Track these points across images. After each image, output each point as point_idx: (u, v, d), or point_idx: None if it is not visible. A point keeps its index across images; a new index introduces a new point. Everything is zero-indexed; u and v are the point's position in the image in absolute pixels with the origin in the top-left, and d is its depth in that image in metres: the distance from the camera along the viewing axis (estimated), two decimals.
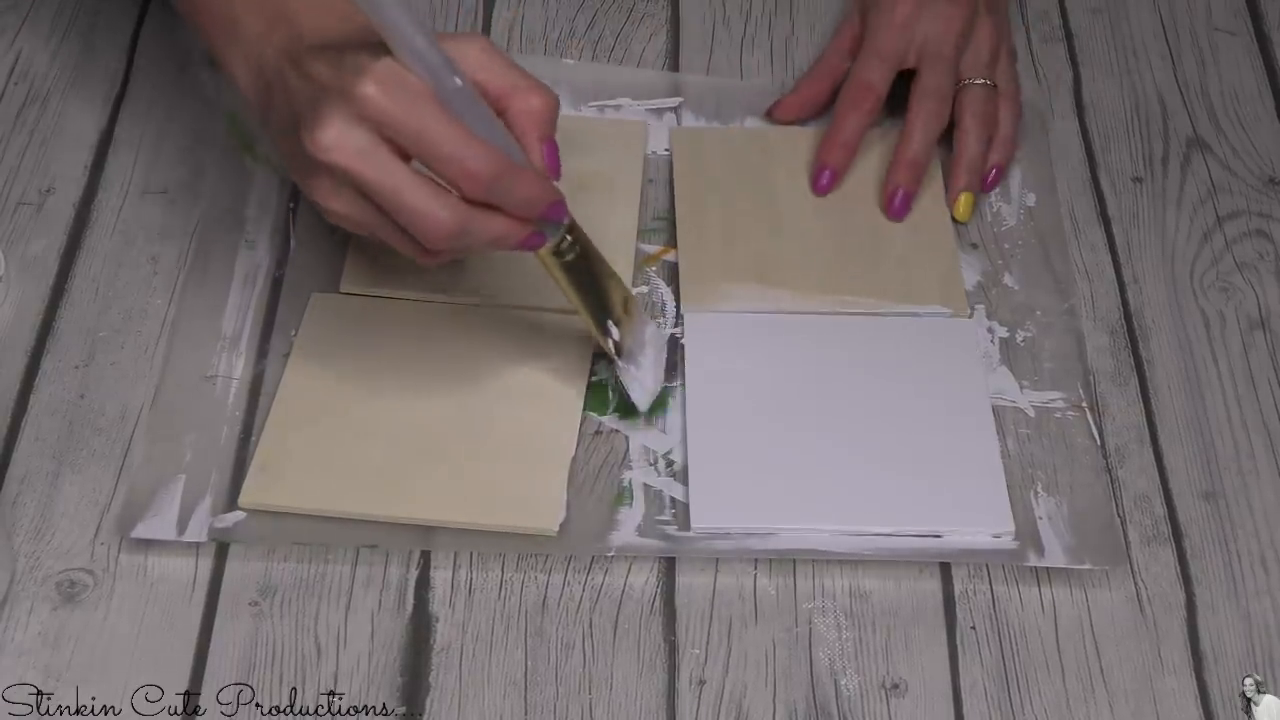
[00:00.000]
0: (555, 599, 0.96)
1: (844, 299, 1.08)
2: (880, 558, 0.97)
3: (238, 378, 1.04)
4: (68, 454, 1.01)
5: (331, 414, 1.01)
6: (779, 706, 0.92)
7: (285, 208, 1.13)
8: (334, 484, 0.98)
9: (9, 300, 1.08)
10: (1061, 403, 1.04)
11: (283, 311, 1.07)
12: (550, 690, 0.92)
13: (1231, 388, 1.07)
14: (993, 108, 1.15)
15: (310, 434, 1.00)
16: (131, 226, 1.12)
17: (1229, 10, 1.30)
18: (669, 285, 1.10)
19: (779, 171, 1.15)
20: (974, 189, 1.14)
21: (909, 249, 1.11)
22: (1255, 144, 1.20)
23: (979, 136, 1.14)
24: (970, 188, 1.13)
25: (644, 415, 1.02)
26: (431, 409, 1.01)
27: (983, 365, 1.06)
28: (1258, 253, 1.14)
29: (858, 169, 1.15)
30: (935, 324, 1.08)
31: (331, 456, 0.99)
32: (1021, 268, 1.11)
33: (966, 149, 1.14)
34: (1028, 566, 0.97)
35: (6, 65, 1.21)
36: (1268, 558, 0.99)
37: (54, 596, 0.95)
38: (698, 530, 0.97)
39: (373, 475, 0.98)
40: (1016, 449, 1.02)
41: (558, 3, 1.27)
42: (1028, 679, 0.94)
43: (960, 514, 0.98)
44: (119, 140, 1.17)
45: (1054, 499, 1.00)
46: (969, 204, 1.13)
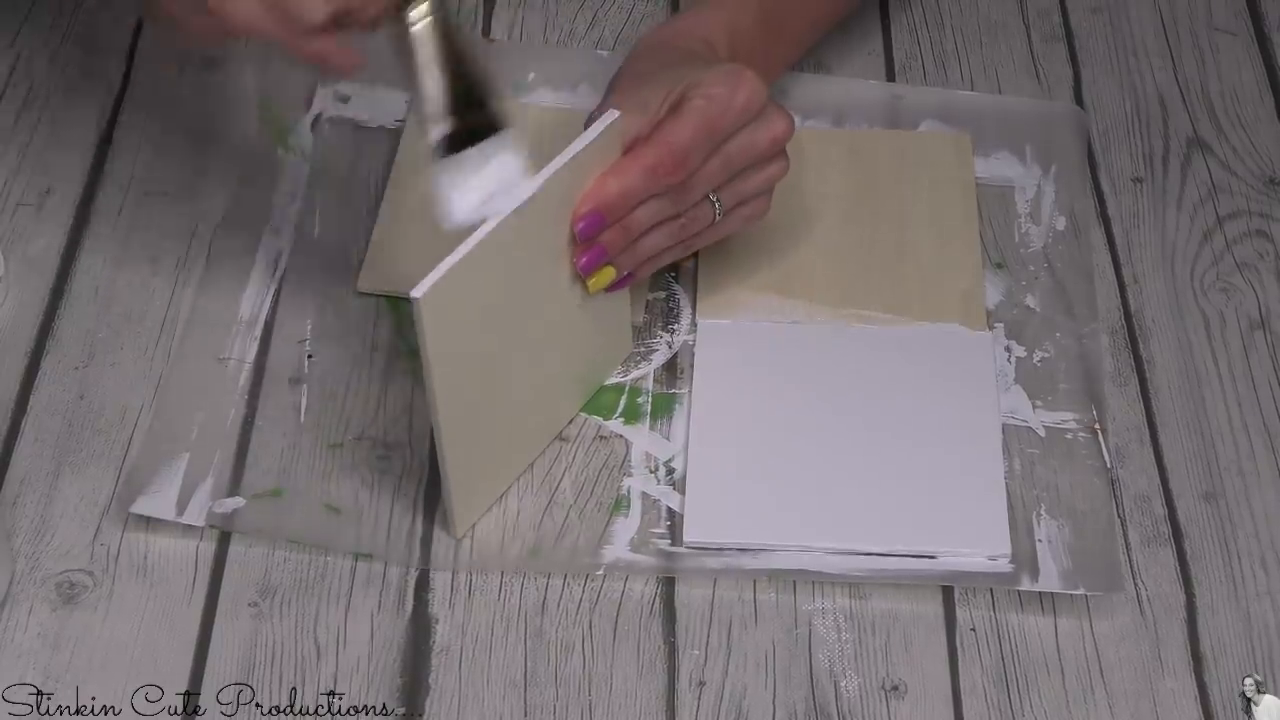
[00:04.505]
0: (555, 600, 0.96)
1: (861, 313, 1.08)
2: (872, 580, 0.96)
3: (250, 361, 1.05)
4: (68, 454, 1.01)
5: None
6: (779, 708, 0.92)
7: (311, 196, 1.14)
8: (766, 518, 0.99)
9: (9, 300, 1.08)
10: (1074, 424, 1.04)
11: (296, 299, 1.08)
12: (550, 691, 0.92)
13: (1231, 388, 1.07)
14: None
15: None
16: (131, 226, 1.12)
17: (1229, 10, 1.30)
18: (688, 293, 1.10)
19: (808, 178, 1.15)
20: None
21: (934, 265, 1.11)
22: (1255, 144, 1.20)
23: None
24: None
25: (450, 224, 0.93)
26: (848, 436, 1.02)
27: (996, 384, 1.05)
28: (1258, 253, 1.14)
29: (887, 178, 1.15)
30: (951, 340, 1.07)
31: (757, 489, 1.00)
32: (1045, 289, 1.11)
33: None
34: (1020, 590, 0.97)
35: (6, 65, 1.21)
36: (1268, 558, 0.99)
37: (54, 597, 0.95)
38: (690, 544, 0.97)
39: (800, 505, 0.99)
40: (1023, 469, 1.02)
41: (558, 3, 1.27)
42: (1027, 680, 0.94)
43: (957, 535, 0.98)
44: (119, 140, 1.17)
45: (1056, 522, 0.99)
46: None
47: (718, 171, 0.99)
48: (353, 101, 1.20)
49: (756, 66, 1.01)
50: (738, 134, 0.99)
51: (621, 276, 1.00)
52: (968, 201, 1.14)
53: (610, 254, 0.98)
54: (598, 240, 0.97)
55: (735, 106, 0.98)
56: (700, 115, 0.97)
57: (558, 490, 1.00)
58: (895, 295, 1.09)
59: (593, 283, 0.99)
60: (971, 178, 1.16)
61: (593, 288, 0.99)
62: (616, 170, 0.97)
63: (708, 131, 0.98)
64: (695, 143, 0.97)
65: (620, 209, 0.97)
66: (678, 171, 0.97)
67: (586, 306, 1.00)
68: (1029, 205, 1.15)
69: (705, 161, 0.98)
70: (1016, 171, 1.18)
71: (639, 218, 0.98)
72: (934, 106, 1.21)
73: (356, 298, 1.09)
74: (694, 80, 0.99)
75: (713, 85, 0.98)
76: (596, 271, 0.98)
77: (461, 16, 1.26)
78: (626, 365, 1.06)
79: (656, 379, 1.06)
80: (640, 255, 1.00)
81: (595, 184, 0.96)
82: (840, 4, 1.20)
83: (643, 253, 1.00)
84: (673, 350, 1.07)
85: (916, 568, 0.97)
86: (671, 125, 0.97)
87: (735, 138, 0.99)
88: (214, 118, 1.19)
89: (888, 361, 1.06)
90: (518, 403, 0.98)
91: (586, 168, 0.95)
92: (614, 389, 1.05)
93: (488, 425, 0.96)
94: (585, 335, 1.02)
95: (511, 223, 0.92)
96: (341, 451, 1.01)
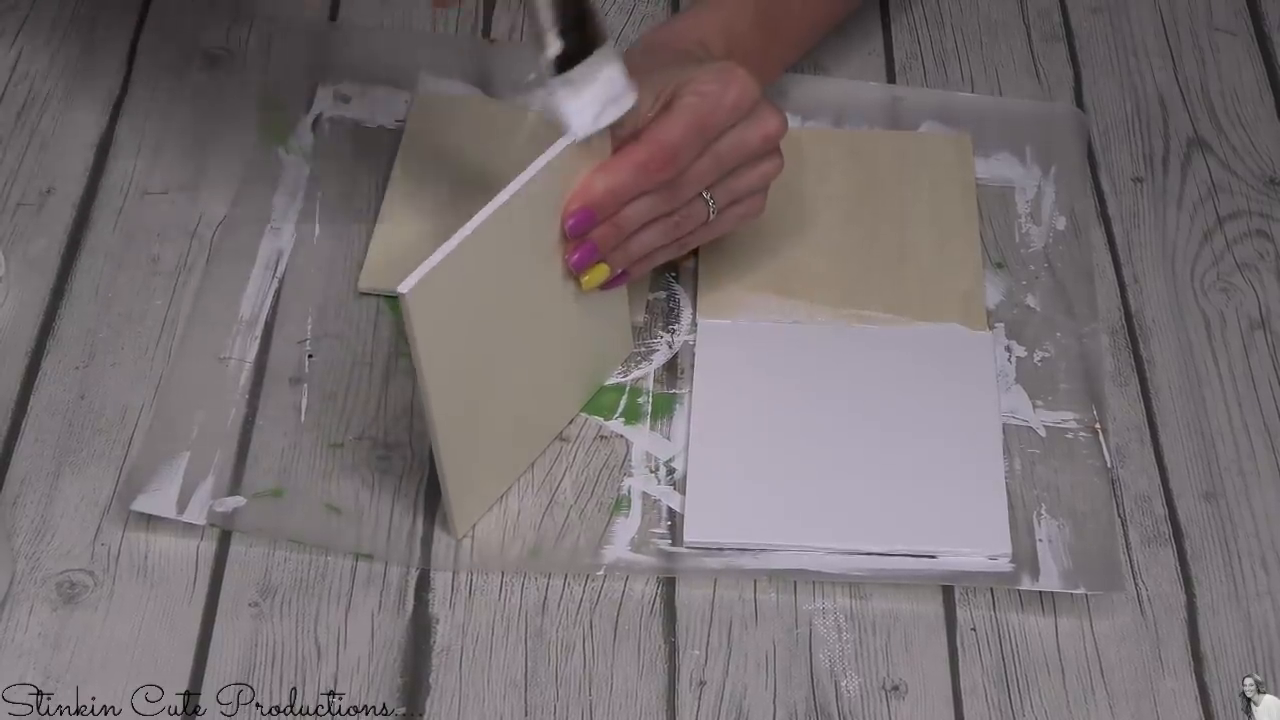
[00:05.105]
0: (555, 600, 0.96)
1: (862, 313, 1.08)
2: (872, 579, 0.96)
3: (250, 361, 1.05)
4: (68, 454, 1.01)
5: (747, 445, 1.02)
6: (779, 708, 0.92)
7: (312, 196, 1.14)
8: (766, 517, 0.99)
9: (9, 300, 1.08)
10: (1074, 423, 1.04)
11: (296, 299, 1.08)
12: (550, 691, 0.92)
13: (1231, 388, 1.07)
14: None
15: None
16: (131, 226, 1.12)
17: (1229, 10, 1.30)
18: (688, 292, 1.10)
19: (807, 178, 1.15)
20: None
21: (934, 265, 1.11)
22: (1255, 144, 1.20)
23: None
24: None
25: (573, 136, 0.95)
26: (846, 437, 1.02)
27: (997, 384, 1.05)
28: (1258, 253, 1.14)
29: (887, 179, 1.15)
30: (952, 340, 1.07)
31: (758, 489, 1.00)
32: (1045, 289, 1.11)
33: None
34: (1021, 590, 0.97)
35: (7, 65, 1.21)
36: (1268, 558, 0.99)
37: (54, 597, 0.95)
38: (690, 544, 0.97)
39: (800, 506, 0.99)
40: (1023, 469, 1.02)
41: None
42: (1028, 680, 0.94)
43: (957, 535, 0.98)
44: (119, 141, 1.17)
45: (1056, 521, 0.99)
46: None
47: (709, 169, 0.99)
48: (353, 101, 1.20)
49: (753, 68, 1.01)
50: (729, 131, 0.99)
51: (616, 275, 1.00)
52: (968, 202, 1.14)
53: (602, 251, 0.98)
54: (589, 237, 0.97)
55: (726, 104, 0.98)
56: (691, 112, 0.97)
57: (558, 490, 1.00)
58: (896, 295, 1.09)
59: (586, 280, 0.99)
60: (972, 178, 1.16)
61: (586, 285, 0.99)
62: (606, 167, 0.96)
63: (698, 128, 0.98)
64: (685, 139, 0.97)
65: (610, 206, 0.97)
66: (667, 168, 0.97)
67: (584, 306, 1.00)
68: (1029, 205, 1.15)
69: (696, 159, 0.98)
70: (1017, 172, 1.18)
71: (630, 215, 0.98)
72: (934, 107, 1.21)
73: (356, 298, 1.09)
74: (685, 78, 0.99)
75: (703, 83, 0.98)
76: (589, 269, 0.98)
77: (461, 18, 1.26)
78: (627, 365, 1.06)
79: (657, 379, 1.06)
80: (633, 253, 1.00)
81: (584, 181, 0.96)
82: (839, 6, 1.20)
83: (636, 251, 1.00)
84: (673, 350, 1.07)
85: (917, 567, 0.97)
86: (662, 122, 0.97)
87: (726, 135, 0.99)
88: (214, 118, 1.19)
89: (888, 361, 1.06)
90: (515, 402, 0.98)
91: (575, 165, 0.95)
92: (614, 389, 1.05)
93: (484, 424, 0.96)
94: (584, 335, 1.02)
95: (498, 218, 0.92)
96: (342, 451, 1.01)
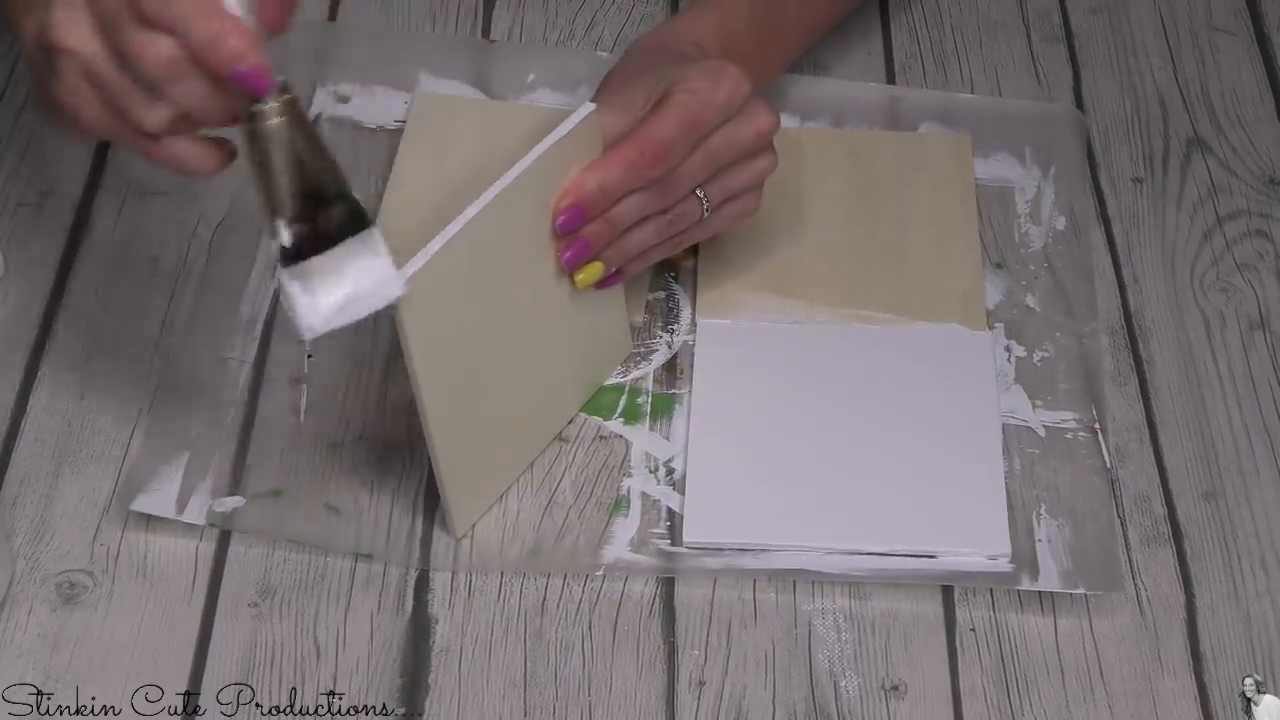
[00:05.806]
0: (555, 600, 0.96)
1: (861, 313, 1.08)
2: (872, 579, 0.96)
3: (250, 361, 1.05)
4: (68, 454, 1.01)
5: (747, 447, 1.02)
6: (778, 708, 0.92)
7: None
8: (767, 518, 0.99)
9: (9, 300, 1.08)
10: (1074, 423, 1.04)
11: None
12: (550, 691, 0.92)
13: (1231, 388, 1.07)
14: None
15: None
16: (131, 227, 1.12)
17: (1229, 10, 1.30)
18: (687, 292, 1.10)
19: (807, 178, 1.15)
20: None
21: (934, 265, 1.11)
22: (1255, 144, 1.20)
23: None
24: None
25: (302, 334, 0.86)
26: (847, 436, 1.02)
27: (996, 384, 1.05)
28: (1258, 253, 1.14)
29: (887, 179, 1.15)
30: (951, 339, 1.07)
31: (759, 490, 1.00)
32: (1045, 289, 1.11)
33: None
34: (1020, 590, 0.97)
35: (6, 65, 1.21)
36: (1268, 558, 0.99)
37: (53, 597, 0.95)
38: (689, 544, 0.97)
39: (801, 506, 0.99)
40: (1023, 469, 1.02)
41: (558, 4, 1.27)
42: (1027, 680, 0.94)
43: (957, 535, 0.98)
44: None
45: (1056, 521, 0.99)
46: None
47: (701, 166, 0.99)
48: (353, 101, 1.20)
49: (750, 69, 1.00)
50: (720, 128, 0.99)
51: (610, 273, 1.00)
52: (967, 202, 1.14)
53: (594, 249, 0.98)
54: (581, 234, 0.97)
55: (717, 101, 0.98)
56: (681, 109, 0.97)
57: (557, 490, 1.00)
58: (895, 295, 1.09)
59: (581, 279, 0.98)
60: (971, 179, 1.16)
61: (580, 284, 0.99)
62: (596, 164, 0.96)
63: (689, 125, 0.98)
64: (676, 136, 0.97)
65: (600, 202, 0.97)
66: (658, 165, 0.97)
67: (581, 306, 1.00)
68: (1029, 205, 1.15)
69: (688, 156, 0.98)
70: (1016, 173, 1.18)
71: (622, 212, 0.98)
72: (933, 108, 1.21)
73: None
74: (676, 76, 0.99)
75: (694, 80, 0.98)
76: (582, 267, 0.98)
77: (461, 17, 1.27)
78: (626, 365, 1.06)
79: (656, 379, 1.06)
80: (627, 251, 1.00)
81: (575, 178, 0.96)
82: (836, 7, 1.20)
83: (629, 249, 1.00)
84: (672, 350, 1.07)
85: (916, 567, 0.97)
86: (652, 120, 0.97)
87: (718, 132, 0.99)
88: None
89: (888, 361, 1.06)
90: (512, 402, 0.98)
91: (564, 163, 0.95)
92: (614, 389, 1.05)
93: (481, 424, 0.96)
94: (581, 335, 1.02)
95: (486, 217, 0.92)
96: (341, 451, 1.02)
